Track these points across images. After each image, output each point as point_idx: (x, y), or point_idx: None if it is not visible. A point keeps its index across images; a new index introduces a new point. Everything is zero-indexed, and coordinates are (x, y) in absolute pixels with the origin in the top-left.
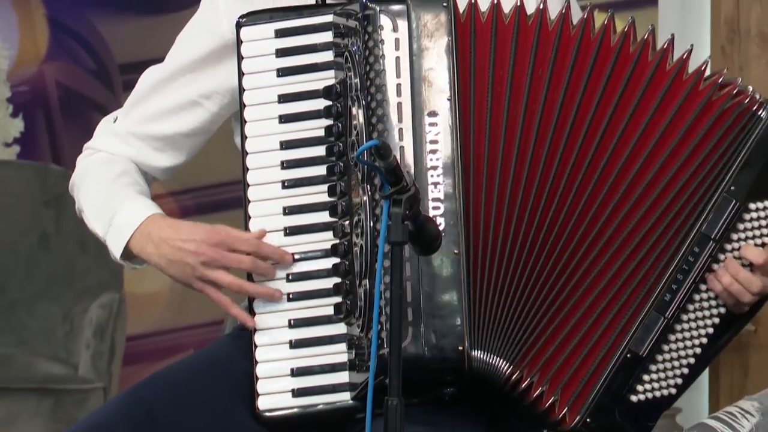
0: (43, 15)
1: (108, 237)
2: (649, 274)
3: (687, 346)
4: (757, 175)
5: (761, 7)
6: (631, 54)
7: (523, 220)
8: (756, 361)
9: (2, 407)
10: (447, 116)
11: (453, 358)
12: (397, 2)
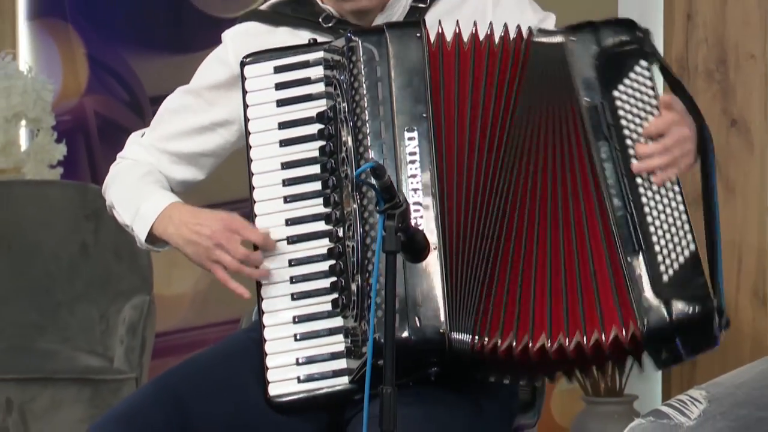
0: (83, 53)
1: (135, 224)
2: (590, 207)
3: (667, 210)
4: (598, 73)
5: (707, 48)
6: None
7: (481, 213)
8: (702, 355)
9: (48, 395)
10: (423, 132)
11: (435, 340)
12: (376, 34)
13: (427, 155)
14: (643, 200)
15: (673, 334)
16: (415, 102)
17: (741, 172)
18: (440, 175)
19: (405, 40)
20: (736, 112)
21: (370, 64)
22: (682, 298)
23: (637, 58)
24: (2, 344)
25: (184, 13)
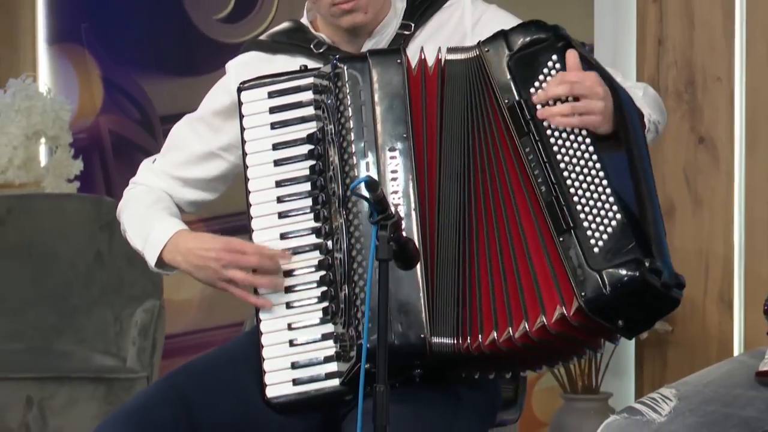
0: (98, 76)
1: (145, 251)
2: (522, 200)
3: (591, 187)
4: (510, 76)
5: (676, 71)
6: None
7: (450, 223)
8: (673, 356)
9: (65, 393)
10: (404, 151)
11: (417, 344)
12: (360, 61)
13: (408, 172)
14: (568, 183)
15: (613, 301)
16: (396, 124)
17: (708, 186)
18: (420, 190)
19: (386, 67)
20: (703, 130)
21: (354, 89)
22: (614, 266)
23: (549, 54)
24: (23, 345)
25: (191, 38)
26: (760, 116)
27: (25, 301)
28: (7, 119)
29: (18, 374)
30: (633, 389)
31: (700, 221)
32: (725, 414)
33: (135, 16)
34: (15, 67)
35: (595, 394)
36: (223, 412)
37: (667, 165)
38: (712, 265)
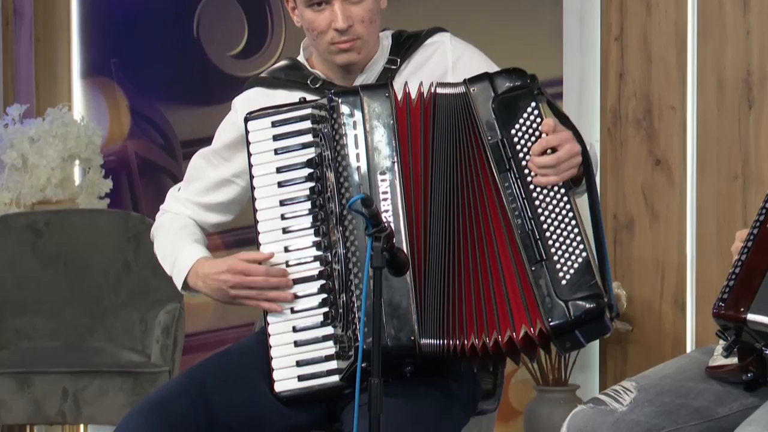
0: (126, 105)
1: (173, 275)
2: (499, 230)
3: (562, 225)
4: (495, 117)
5: (636, 101)
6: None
7: (436, 239)
8: (633, 352)
9: (97, 385)
10: (393, 174)
11: (408, 346)
12: (353, 95)
13: (397, 193)
14: (542, 219)
15: (573, 328)
16: (385, 150)
17: (663, 203)
18: (408, 209)
19: (376, 99)
20: (659, 154)
21: (348, 119)
22: (579, 299)
23: (528, 100)
24: (60, 343)
25: (208, 72)
26: (709, 142)
27: (62, 304)
28: (45, 143)
29: (55, 368)
30: (597, 382)
31: (657, 233)
32: (679, 404)
33: (158, 52)
34: (52, 97)
35: (564, 386)
36: (236, 403)
37: (628, 184)
38: (667, 272)
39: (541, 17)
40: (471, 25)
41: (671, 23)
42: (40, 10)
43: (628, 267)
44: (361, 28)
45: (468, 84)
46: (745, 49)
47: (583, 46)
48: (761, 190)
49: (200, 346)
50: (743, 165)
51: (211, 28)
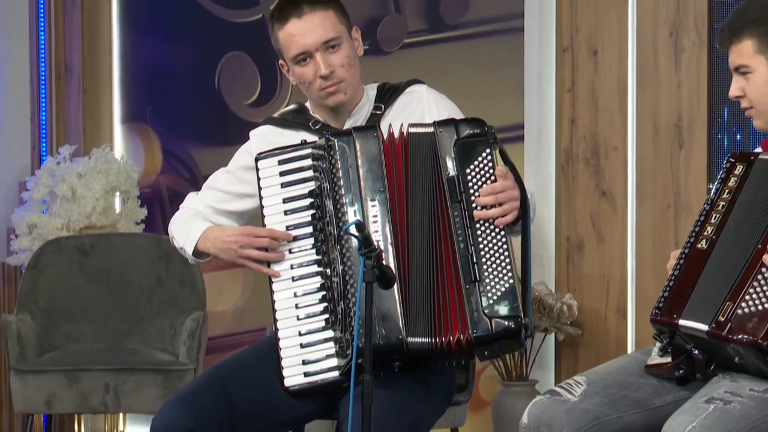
0: (159, 146)
1: (185, 245)
2: (447, 251)
3: (496, 251)
4: (454, 156)
5: (585, 143)
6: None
7: (414, 255)
8: (583, 353)
9: (134, 380)
10: (381, 201)
11: (396, 344)
12: (346, 135)
13: (385, 216)
14: (480, 247)
15: (494, 340)
16: (375, 181)
17: (608, 228)
18: (394, 230)
19: (366, 139)
20: (605, 187)
21: (343, 156)
22: (502, 317)
23: (484, 147)
24: (103, 345)
25: (227, 118)
26: (646, 176)
27: (104, 312)
28: (91, 178)
29: (99, 366)
30: (553, 377)
31: (603, 253)
32: (622, 395)
33: (186, 101)
34: (97, 139)
35: (525, 381)
36: (252, 396)
37: (578, 212)
38: (612, 285)
39: (505, 73)
40: (446, 80)
41: (614, 78)
42: (87, 67)
43: (579, 281)
44: (342, 72)
45: (436, 126)
46: (676, 99)
47: (540, 97)
48: (690, 217)
49: (220, 347)
50: (675, 196)
51: (230, 81)
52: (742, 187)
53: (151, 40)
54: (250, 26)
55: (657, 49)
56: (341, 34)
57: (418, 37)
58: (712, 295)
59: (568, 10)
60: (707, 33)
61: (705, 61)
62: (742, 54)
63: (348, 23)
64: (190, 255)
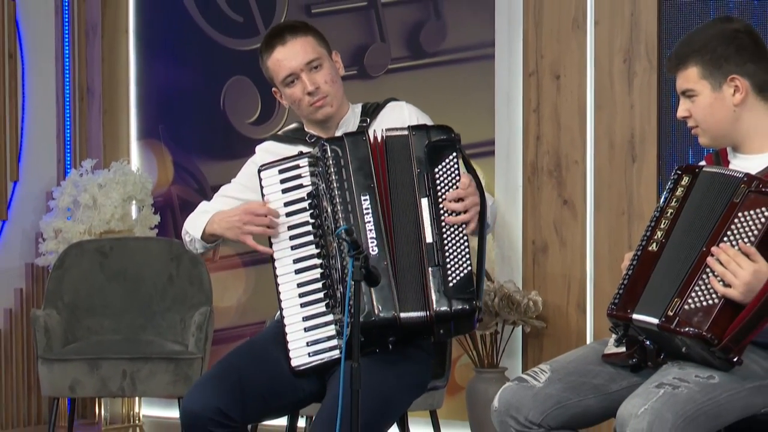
0: (170, 160)
1: (195, 233)
2: (417, 237)
3: (457, 242)
4: (425, 156)
5: (549, 157)
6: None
7: (401, 240)
8: (547, 343)
9: (148, 368)
10: (372, 196)
11: (390, 318)
12: (339, 140)
13: (376, 210)
14: (444, 236)
15: (450, 318)
16: (365, 178)
17: (570, 232)
18: (385, 222)
19: (356, 142)
20: (566, 196)
21: (336, 158)
22: (460, 299)
23: (450, 150)
24: (121, 337)
25: (231, 135)
26: (603, 187)
27: (122, 308)
28: (110, 188)
29: (117, 356)
30: (521, 365)
31: (564, 255)
32: (582, 381)
33: (194, 120)
34: (115, 154)
35: (496, 368)
36: (262, 379)
37: (543, 218)
38: (572, 284)
39: (478, 95)
40: (426, 101)
41: (575, 99)
42: (106, 89)
43: (543, 280)
44: (326, 87)
45: (410, 130)
46: (629, 118)
47: (509, 117)
48: (642, 223)
49: (225, 338)
50: (628, 204)
51: (233, 102)
52: (688, 197)
53: (164, 66)
54: (252, 53)
55: (612, 73)
56: (321, 55)
57: (400, 63)
58: (662, 292)
59: (533, 39)
60: (657, 59)
61: (655, 85)
62: (688, 79)
63: (327, 47)
64: (199, 239)
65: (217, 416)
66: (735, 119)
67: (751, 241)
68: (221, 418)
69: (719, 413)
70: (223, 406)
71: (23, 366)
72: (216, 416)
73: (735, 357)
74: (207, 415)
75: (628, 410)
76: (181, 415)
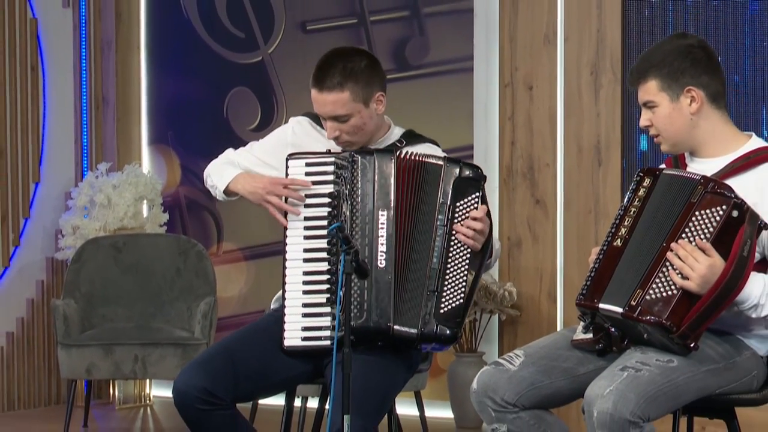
0: (178, 163)
1: (219, 182)
2: (424, 261)
3: (457, 275)
4: (451, 189)
5: (522, 161)
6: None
7: (406, 259)
8: (521, 330)
9: (158, 352)
10: (390, 212)
11: (384, 329)
12: (369, 154)
13: (391, 225)
14: (447, 266)
15: (431, 340)
16: (386, 195)
17: (541, 229)
18: (397, 236)
19: (384, 159)
20: (539, 196)
21: (363, 170)
22: (445, 326)
23: (475, 189)
24: (132, 324)
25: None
26: (572, 188)
27: (134, 298)
28: (123, 189)
29: (130, 341)
30: (497, 350)
31: (537, 250)
32: (553, 365)
33: (200, 127)
34: (128, 157)
35: (474, 352)
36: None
37: (517, 216)
38: (544, 276)
39: (458, 104)
40: (411, 110)
41: (546, 108)
42: (120, 99)
43: (518, 272)
44: (347, 137)
45: (445, 161)
46: (596, 125)
47: (486, 124)
48: (607, 221)
49: (228, 325)
50: (595, 204)
51: (235, 111)
52: (650, 197)
53: (172, 78)
54: (252, 67)
55: (580, 85)
56: (352, 111)
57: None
58: (626, 283)
59: (508, 54)
60: (621, 72)
61: (619, 95)
62: (648, 92)
63: (366, 96)
64: (221, 191)
65: (203, 395)
66: (692, 127)
67: (707, 237)
68: (207, 397)
69: (678, 394)
70: (210, 386)
71: (44, 351)
72: (202, 395)
73: (692, 343)
74: (194, 393)
75: (595, 391)
76: (173, 394)
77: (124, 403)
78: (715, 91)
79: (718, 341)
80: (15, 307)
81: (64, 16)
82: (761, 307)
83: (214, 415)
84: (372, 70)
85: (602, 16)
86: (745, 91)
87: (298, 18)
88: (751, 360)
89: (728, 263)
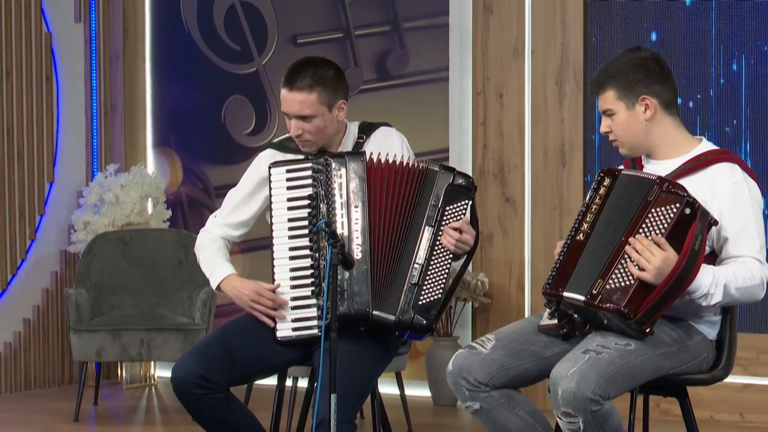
0: (180, 165)
1: (211, 279)
2: (412, 255)
3: (439, 272)
4: (443, 194)
5: (494, 162)
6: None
7: (386, 252)
8: (492, 316)
9: (162, 337)
10: (362, 207)
11: (363, 314)
12: (340, 157)
13: (365, 219)
14: (431, 262)
15: (408, 329)
16: (359, 192)
17: (511, 225)
18: (371, 228)
19: (355, 160)
20: (508, 194)
21: (337, 172)
22: (422, 317)
23: (465, 197)
24: (138, 311)
25: (231, 144)
26: (538, 187)
27: (140, 287)
28: (130, 188)
29: (136, 326)
30: (470, 334)
31: (507, 244)
32: (521, 348)
33: (200, 131)
34: (134, 159)
35: (450, 337)
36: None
37: (489, 213)
38: (513, 267)
39: (435, 111)
40: (392, 116)
41: (515, 114)
42: (128, 106)
43: (489, 264)
44: (310, 136)
45: (441, 168)
46: (561, 130)
47: (461, 129)
48: (570, 217)
49: (225, 313)
50: (559, 201)
51: (232, 117)
52: (610, 195)
53: (175, 87)
54: (248, 76)
55: (546, 93)
56: (317, 112)
57: (371, 85)
58: (588, 274)
59: (481, 65)
60: (583, 82)
61: (581, 103)
62: (607, 101)
63: (331, 100)
64: (213, 289)
65: (198, 380)
66: (647, 132)
67: (662, 232)
68: (202, 382)
69: (635, 374)
70: (205, 372)
71: (58, 335)
72: (197, 380)
73: (647, 328)
74: (190, 379)
75: (560, 372)
76: (171, 379)
77: (130, 383)
78: (668, 99)
79: (672, 327)
80: (31, 296)
81: (75, 30)
82: (711, 296)
83: (209, 398)
84: (338, 79)
85: (566, 31)
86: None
87: (290, 32)
88: (701, 344)
89: (681, 256)
